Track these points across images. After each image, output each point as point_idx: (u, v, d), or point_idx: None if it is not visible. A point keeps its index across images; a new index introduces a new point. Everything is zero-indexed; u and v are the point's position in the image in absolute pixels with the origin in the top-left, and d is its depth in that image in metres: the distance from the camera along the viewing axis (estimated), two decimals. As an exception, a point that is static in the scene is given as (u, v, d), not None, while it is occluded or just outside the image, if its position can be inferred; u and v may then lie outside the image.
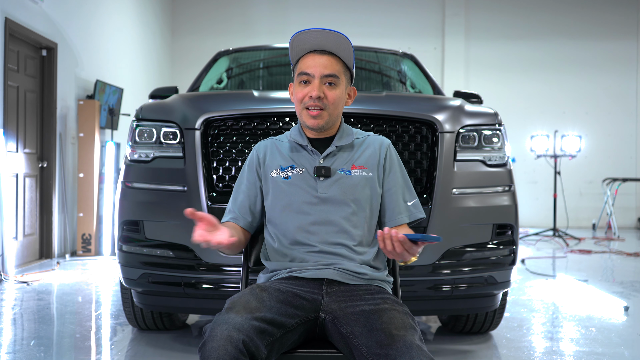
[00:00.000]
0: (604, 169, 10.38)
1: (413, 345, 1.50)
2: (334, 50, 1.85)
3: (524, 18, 10.68)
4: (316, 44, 1.85)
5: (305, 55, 1.87)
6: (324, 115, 1.84)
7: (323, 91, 1.83)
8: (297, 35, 1.84)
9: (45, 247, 6.04)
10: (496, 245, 2.91)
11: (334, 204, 1.82)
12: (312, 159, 1.87)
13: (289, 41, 1.88)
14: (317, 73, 1.83)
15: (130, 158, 2.95)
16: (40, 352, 3.04)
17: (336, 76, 1.84)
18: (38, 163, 5.99)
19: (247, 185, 1.92)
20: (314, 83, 1.83)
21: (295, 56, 1.89)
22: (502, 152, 2.98)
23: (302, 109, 1.86)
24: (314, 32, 1.84)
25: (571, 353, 3.17)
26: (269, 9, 10.64)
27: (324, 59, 1.84)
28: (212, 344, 1.46)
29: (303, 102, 1.85)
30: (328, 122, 1.86)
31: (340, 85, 1.86)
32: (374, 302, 1.67)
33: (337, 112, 1.87)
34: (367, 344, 1.55)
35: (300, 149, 1.90)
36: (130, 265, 2.87)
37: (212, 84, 4.07)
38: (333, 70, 1.84)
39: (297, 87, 1.88)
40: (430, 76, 4.20)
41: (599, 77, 10.67)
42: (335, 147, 1.87)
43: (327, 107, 1.84)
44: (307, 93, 1.84)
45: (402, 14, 10.59)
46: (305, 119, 1.86)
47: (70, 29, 6.50)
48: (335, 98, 1.84)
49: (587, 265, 6.18)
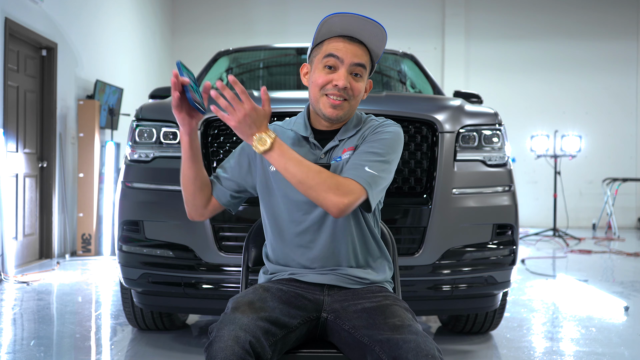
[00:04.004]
0: (604, 169, 10.38)
1: (419, 332, 1.50)
2: (366, 41, 1.70)
3: (524, 18, 10.68)
4: (349, 30, 1.68)
5: (333, 37, 1.71)
6: (345, 106, 1.69)
7: (349, 81, 1.68)
8: (329, 17, 1.67)
9: (45, 247, 6.04)
10: (496, 245, 2.91)
11: None
12: (313, 154, 1.74)
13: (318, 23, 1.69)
14: (347, 59, 1.67)
15: (130, 158, 2.95)
16: (40, 352, 3.04)
17: (364, 66, 1.70)
18: (38, 163, 5.99)
19: (234, 164, 1.80)
20: (340, 71, 1.67)
21: (321, 36, 1.71)
22: (502, 152, 2.98)
23: (322, 96, 1.69)
24: (349, 17, 1.66)
25: (571, 353, 3.17)
26: (269, 9, 10.64)
27: (355, 46, 1.69)
28: (219, 344, 1.45)
29: (324, 88, 1.69)
30: (346, 114, 1.71)
31: (365, 77, 1.72)
32: (375, 299, 1.67)
33: (356, 105, 1.74)
34: (370, 333, 1.54)
35: (303, 141, 1.76)
36: (130, 265, 2.87)
37: (212, 84, 4.07)
38: (362, 59, 1.69)
39: (318, 71, 1.71)
40: (430, 76, 4.20)
41: (599, 77, 10.67)
42: (337, 142, 1.74)
43: (350, 98, 1.69)
44: (331, 80, 1.67)
45: (402, 14, 10.59)
46: (323, 107, 1.70)
47: (70, 29, 6.50)
48: (360, 90, 1.71)
49: (587, 265, 6.18)
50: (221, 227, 2.77)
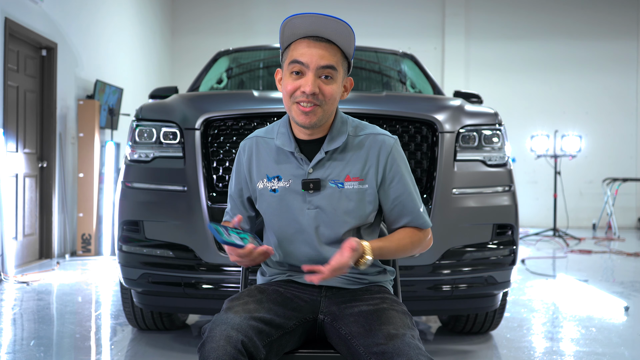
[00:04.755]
0: (604, 169, 10.38)
1: (411, 345, 1.49)
2: (332, 38, 1.60)
3: (524, 18, 10.68)
4: (312, 30, 1.59)
5: (298, 40, 1.62)
6: (318, 111, 1.60)
7: (318, 86, 1.59)
8: (289, 19, 1.59)
9: (45, 247, 6.04)
10: (496, 245, 2.91)
11: (327, 218, 1.66)
12: (300, 169, 1.66)
13: (279, 28, 1.62)
14: (312, 64, 1.58)
15: (130, 158, 2.95)
16: (40, 352, 3.04)
17: (334, 68, 1.60)
18: (38, 163, 5.98)
19: (237, 193, 1.79)
20: (307, 76, 1.58)
21: (286, 41, 1.63)
22: (502, 152, 2.98)
23: (292, 104, 1.61)
24: (310, 17, 1.57)
25: (571, 353, 3.17)
26: (269, 9, 10.64)
27: (321, 47, 1.59)
28: (211, 344, 1.45)
29: (294, 96, 1.60)
30: (321, 120, 1.62)
31: (338, 78, 1.62)
32: (373, 302, 1.66)
33: (332, 108, 1.64)
34: (365, 343, 1.53)
35: (288, 154, 1.68)
36: (130, 265, 2.87)
37: (212, 84, 4.07)
38: (330, 61, 1.59)
39: (286, 78, 1.62)
40: (430, 76, 4.20)
41: (599, 77, 10.66)
42: (324, 154, 1.65)
43: (322, 103, 1.60)
44: (298, 86, 1.59)
45: (402, 14, 10.59)
46: (295, 115, 1.61)
47: (70, 29, 6.50)
48: (332, 93, 1.60)
49: (587, 265, 6.18)
50: (221, 227, 2.77)
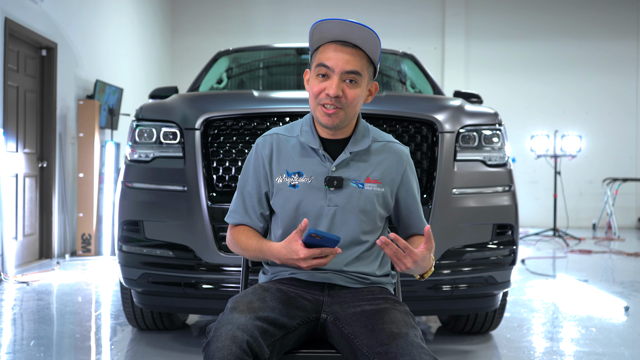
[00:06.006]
0: (604, 169, 10.38)
1: (414, 344, 1.50)
2: (359, 44, 1.67)
3: (524, 18, 10.68)
4: (339, 35, 1.66)
5: (326, 44, 1.69)
6: (340, 114, 1.68)
7: (342, 89, 1.66)
8: (318, 24, 1.65)
9: (45, 247, 6.04)
10: (496, 245, 2.91)
11: (344, 216, 1.71)
12: (324, 166, 1.73)
13: (309, 30, 1.68)
14: (338, 68, 1.65)
15: (130, 158, 2.95)
16: (40, 352, 3.04)
17: (358, 73, 1.67)
18: (38, 163, 5.98)
19: (255, 188, 1.79)
20: (332, 79, 1.66)
21: (315, 44, 1.70)
22: (502, 152, 2.98)
23: (317, 105, 1.69)
24: (338, 23, 1.63)
25: (571, 353, 3.17)
26: (269, 9, 10.64)
27: (347, 52, 1.66)
28: (217, 344, 1.45)
29: (319, 97, 1.68)
30: (343, 122, 1.70)
31: (362, 82, 1.69)
32: (375, 302, 1.67)
33: (354, 112, 1.71)
34: (368, 343, 1.54)
35: (311, 152, 1.74)
36: (130, 265, 2.87)
37: (212, 84, 4.07)
38: (355, 66, 1.66)
39: (313, 79, 1.70)
40: (430, 76, 4.20)
41: (599, 77, 10.66)
42: (349, 154, 1.73)
43: (345, 106, 1.67)
44: (324, 89, 1.67)
45: (402, 14, 10.59)
46: (319, 115, 1.69)
47: (70, 29, 6.50)
48: (355, 97, 1.68)
49: (587, 265, 6.18)
50: (221, 227, 2.77)
